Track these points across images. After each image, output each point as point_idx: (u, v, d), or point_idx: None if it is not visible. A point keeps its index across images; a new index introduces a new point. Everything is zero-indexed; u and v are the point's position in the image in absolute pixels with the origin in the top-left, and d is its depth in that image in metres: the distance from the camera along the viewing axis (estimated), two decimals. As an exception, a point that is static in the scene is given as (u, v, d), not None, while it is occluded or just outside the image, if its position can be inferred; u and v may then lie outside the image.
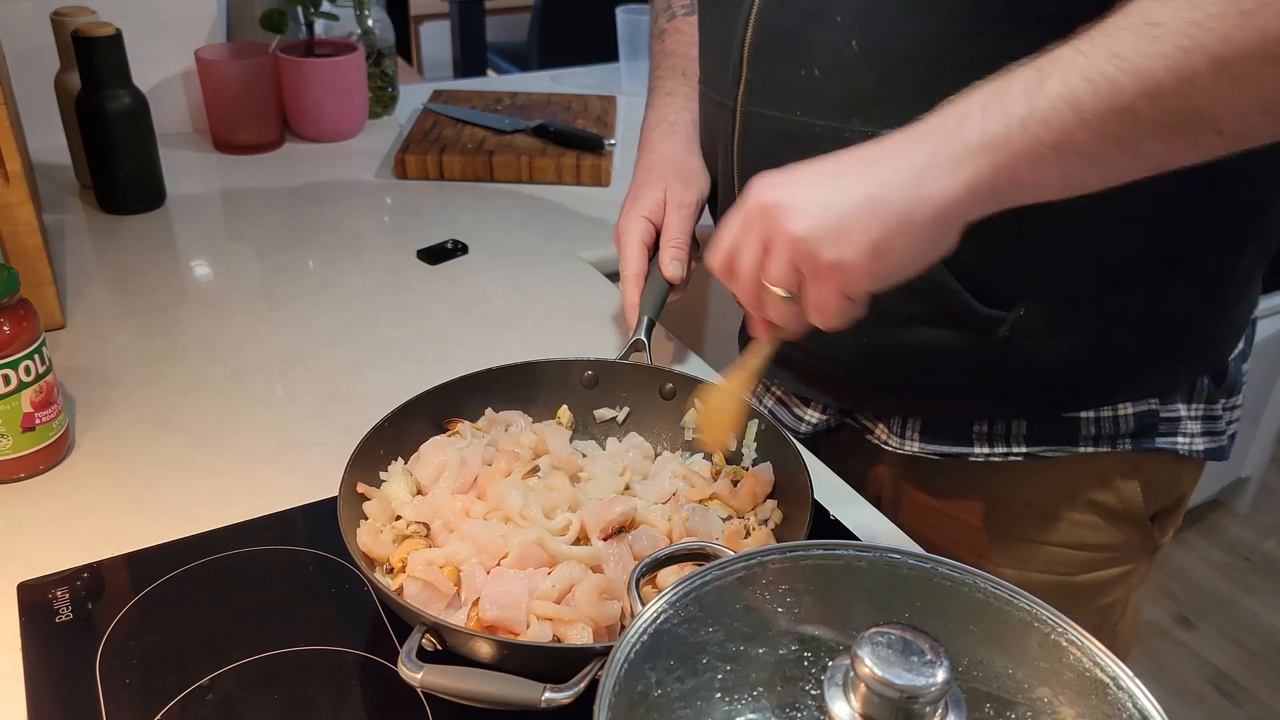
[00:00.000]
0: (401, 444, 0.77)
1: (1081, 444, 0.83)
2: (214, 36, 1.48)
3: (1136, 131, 0.53)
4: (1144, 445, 0.84)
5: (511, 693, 0.57)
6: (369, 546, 0.69)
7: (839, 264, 0.58)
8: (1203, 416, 0.85)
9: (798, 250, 0.59)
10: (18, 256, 0.96)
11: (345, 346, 1.02)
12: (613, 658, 0.46)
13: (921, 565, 0.52)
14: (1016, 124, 0.54)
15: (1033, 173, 0.55)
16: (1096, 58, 0.52)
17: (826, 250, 0.58)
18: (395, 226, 1.29)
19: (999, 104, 0.55)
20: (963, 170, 0.55)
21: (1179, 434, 0.84)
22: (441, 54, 3.56)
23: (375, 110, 1.59)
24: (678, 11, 1.05)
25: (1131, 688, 0.45)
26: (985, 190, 0.56)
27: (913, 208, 0.56)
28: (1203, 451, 0.85)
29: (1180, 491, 0.90)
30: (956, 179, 0.56)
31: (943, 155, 0.56)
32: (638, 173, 0.97)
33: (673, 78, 1.02)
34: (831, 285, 0.59)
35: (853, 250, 0.57)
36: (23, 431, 0.80)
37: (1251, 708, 1.97)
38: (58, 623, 0.69)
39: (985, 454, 0.85)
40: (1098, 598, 0.92)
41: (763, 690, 0.45)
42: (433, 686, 0.57)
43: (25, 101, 1.27)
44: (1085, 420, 0.83)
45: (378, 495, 0.73)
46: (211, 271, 1.17)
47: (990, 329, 0.77)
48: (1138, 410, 0.82)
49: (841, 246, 0.57)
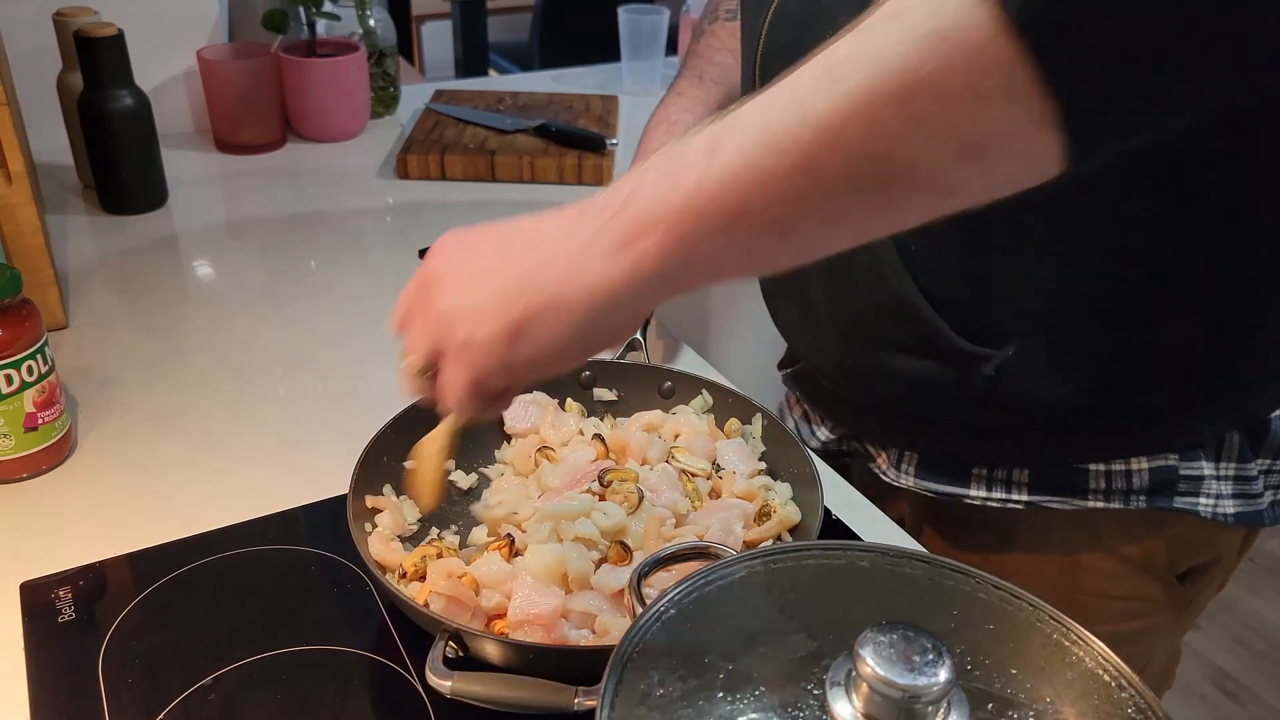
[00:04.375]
0: (403, 450, 0.77)
1: (1090, 498, 0.78)
2: (216, 36, 1.48)
3: (823, 189, 0.44)
4: (1160, 504, 0.77)
5: (544, 697, 0.56)
6: (381, 555, 0.69)
7: (467, 343, 0.53)
8: (1234, 477, 0.77)
9: (439, 327, 0.55)
10: (20, 256, 0.96)
11: (347, 346, 1.02)
12: (614, 657, 0.46)
13: (923, 565, 0.52)
14: (685, 195, 0.46)
15: (708, 248, 0.47)
16: (775, 110, 0.45)
17: (459, 328, 0.54)
18: (397, 226, 1.30)
19: (674, 172, 0.47)
20: (628, 252, 0.48)
21: (1201, 494, 0.77)
22: (443, 54, 3.56)
23: (377, 110, 1.59)
24: (720, 15, 1.05)
25: (1134, 688, 0.45)
26: (652, 273, 0.48)
27: (564, 293, 0.50)
28: (1232, 516, 0.77)
29: (1216, 552, 0.82)
30: (619, 263, 0.49)
31: (608, 234, 0.49)
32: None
33: (689, 79, 1.02)
34: (459, 366, 0.54)
35: (485, 332, 0.52)
36: (25, 431, 0.80)
37: (1255, 708, 1.97)
38: (60, 622, 0.69)
39: (983, 497, 0.81)
40: (1119, 646, 0.88)
41: (765, 690, 0.45)
42: (463, 694, 0.57)
43: (27, 102, 1.27)
44: (1094, 473, 0.77)
45: (390, 505, 0.73)
46: (214, 271, 1.17)
47: (975, 365, 0.73)
48: (1153, 466, 0.76)
49: (475, 326, 0.53)
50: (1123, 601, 0.83)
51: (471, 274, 0.55)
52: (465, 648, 0.61)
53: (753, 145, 0.45)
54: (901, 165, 0.43)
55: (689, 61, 1.05)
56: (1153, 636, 0.86)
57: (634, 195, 0.49)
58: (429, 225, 1.27)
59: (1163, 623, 0.85)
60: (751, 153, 0.45)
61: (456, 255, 0.57)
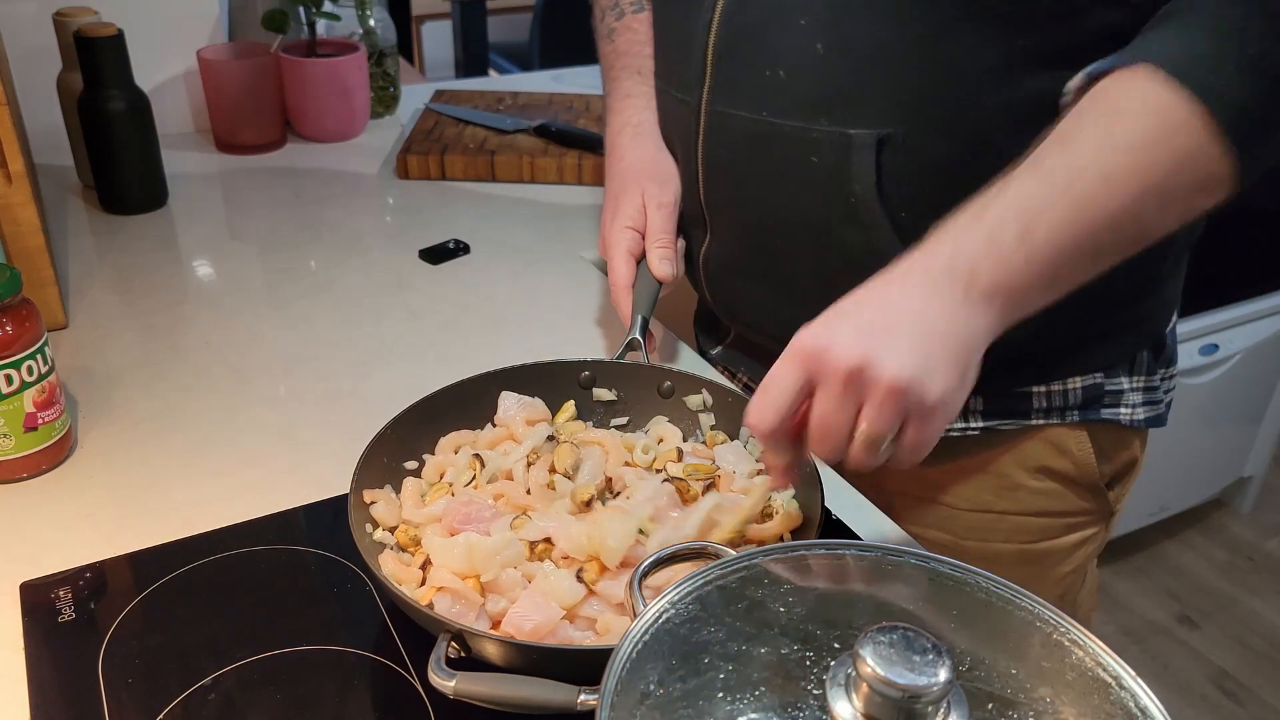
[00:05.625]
0: (402, 450, 0.77)
1: (1034, 416, 0.88)
2: (216, 36, 1.48)
3: (1099, 253, 0.65)
4: (1090, 416, 0.89)
5: (547, 696, 0.56)
6: (395, 573, 0.68)
7: (942, 401, 0.61)
8: (1143, 388, 0.90)
9: (905, 399, 0.60)
10: (20, 257, 0.96)
11: (348, 346, 1.02)
12: (614, 657, 0.46)
13: (923, 565, 0.52)
14: (1018, 273, 0.62)
15: (1030, 301, 0.64)
16: (1065, 206, 0.62)
17: (931, 391, 0.60)
18: (397, 226, 1.30)
19: (998, 252, 0.62)
20: (991, 309, 0.62)
21: (1122, 405, 0.89)
22: (443, 54, 3.56)
23: (377, 110, 1.59)
24: (626, 9, 1.05)
25: (1134, 687, 0.45)
26: (1004, 326, 0.64)
27: (972, 340, 0.62)
28: (1143, 420, 0.90)
29: (1130, 457, 0.94)
30: (987, 320, 0.63)
31: (971, 299, 0.62)
32: (611, 181, 0.97)
33: (629, 78, 1.01)
34: (938, 421, 0.62)
35: (949, 386, 0.61)
36: (25, 432, 0.80)
37: (1254, 708, 1.97)
38: (60, 622, 0.69)
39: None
40: (1058, 565, 0.95)
41: (765, 689, 0.45)
42: (466, 694, 0.57)
43: (27, 102, 1.27)
44: (1037, 394, 0.87)
45: (384, 497, 0.73)
46: (214, 271, 1.17)
47: None
48: (1085, 384, 0.87)
49: (942, 384, 0.60)
50: (1061, 518, 0.93)
51: (897, 346, 0.60)
52: (467, 648, 0.61)
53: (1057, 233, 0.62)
54: (1149, 233, 0.66)
55: (617, 63, 1.03)
56: (1088, 549, 0.97)
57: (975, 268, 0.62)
58: (429, 225, 1.27)
59: (1095, 535, 0.97)
60: (1059, 240, 0.62)
61: (859, 340, 0.60)
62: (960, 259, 0.62)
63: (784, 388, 0.62)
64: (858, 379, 0.60)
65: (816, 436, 0.63)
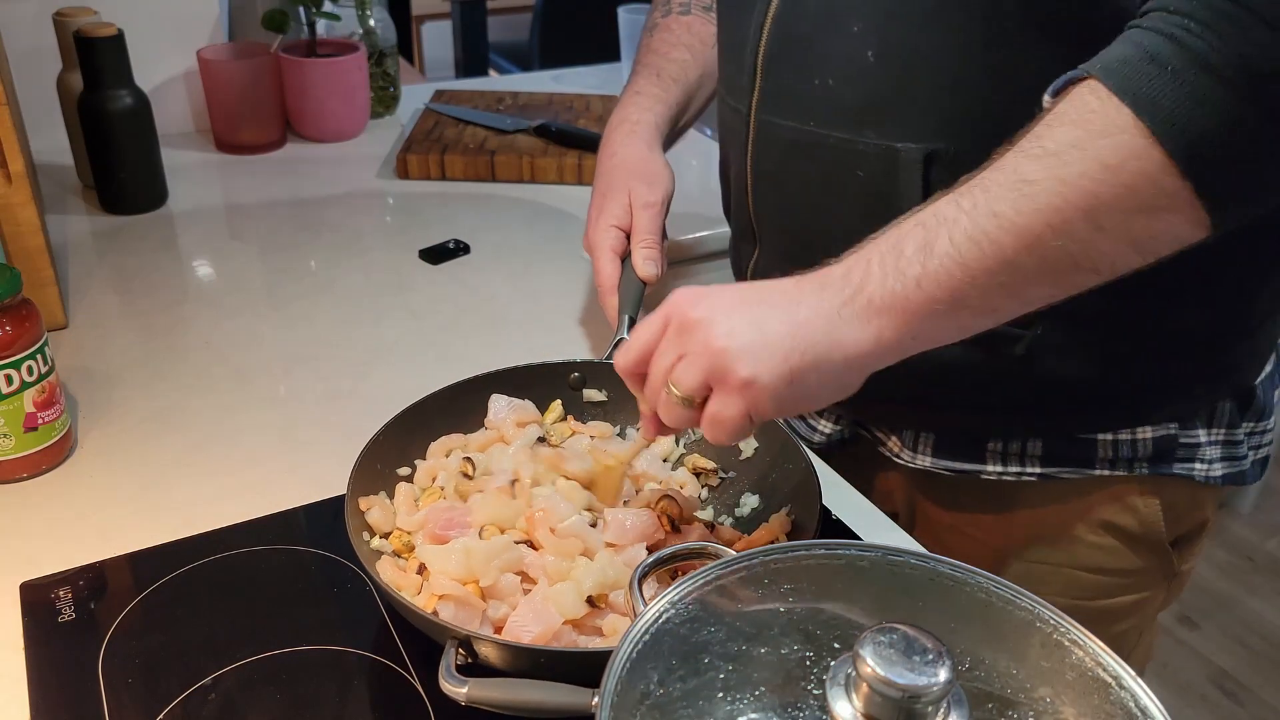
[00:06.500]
0: (395, 456, 0.77)
1: (1097, 466, 0.82)
2: (216, 36, 1.48)
3: (1021, 280, 0.59)
4: (1160, 470, 0.82)
5: (561, 699, 0.56)
6: (394, 580, 0.68)
7: (751, 381, 0.60)
8: (1222, 441, 0.83)
9: (716, 361, 0.60)
10: (20, 257, 0.96)
11: (347, 346, 1.02)
12: (614, 657, 0.46)
13: (923, 565, 0.52)
14: (913, 284, 0.59)
15: (931, 327, 0.60)
16: (978, 217, 0.58)
17: (743, 366, 0.60)
18: (397, 226, 1.30)
19: (895, 263, 0.59)
20: (870, 325, 0.60)
21: (1197, 460, 0.82)
22: (443, 54, 3.56)
23: (377, 110, 1.59)
24: (674, 9, 1.04)
25: (1134, 687, 0.45)
26: (890, 345, 0.60)
27: (830, 350, 0.60)
28: (1220, 477, 0.83)
29: (1201, 517, 0.88)
30: (865, 333, 0.60)
31: (853, 309, 0.60)
32: (600, 178, 0.96)
33: (646, 76, 1.01)
34: (737, 400, 0.61)
35: (769, 372, 0.60)
36: (25, 432, 0.80)
37: (1254, 708, 1.97)
38: (60, 622, 0.69)
39: (998, 472, 0.84)
40: (1113, 624, 0.90)
41: (765, 690, 0.45)
42: (479, 700, 0.57)
43: (27, 102, 1.27)
44: (1102, 443, 0.81)
45: (379, 504, 0.73)
46: (214, 271, 1.17)
47: (1007, 346, 0.76)
48: (1157, 435, 0.81)
49: (759, 366, 0.60)
50: (1119, 578, 0.87)
51: (742, 320, 0.61)
52: (473, 654, 0.60)
53: (963, 247, 0.57)
54: (1083, 260, 0.58)
55: (644, 58, 1.03)
56: (1145, 611, 0.91)
57: (866, 279, 0.60)
58: (429, 225, 1.27)
59: (1154, 596, 0.90)
60: (962, 254, 0.57)
61: (716, 304, 0.62)
62: (856, 269, 0.61)
63: (645, 333, 0.65)
64: (688, 332, 0.62)
65: (633, 370, 0.66)
